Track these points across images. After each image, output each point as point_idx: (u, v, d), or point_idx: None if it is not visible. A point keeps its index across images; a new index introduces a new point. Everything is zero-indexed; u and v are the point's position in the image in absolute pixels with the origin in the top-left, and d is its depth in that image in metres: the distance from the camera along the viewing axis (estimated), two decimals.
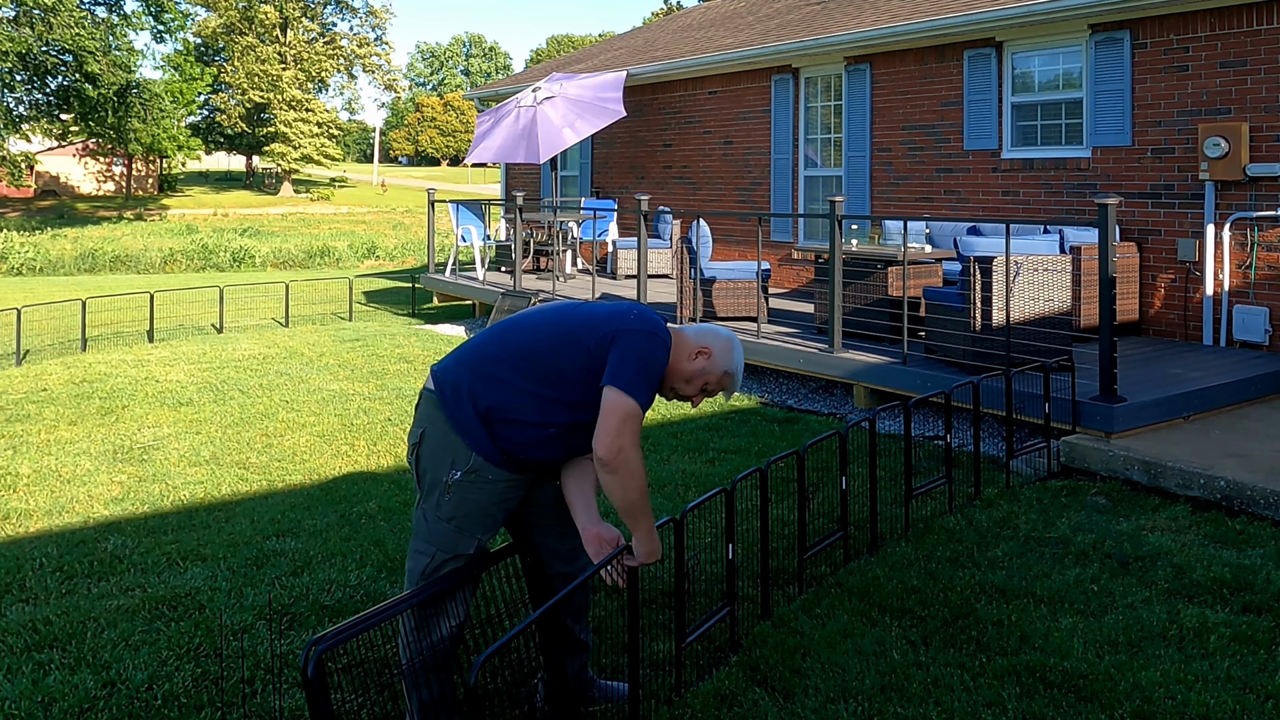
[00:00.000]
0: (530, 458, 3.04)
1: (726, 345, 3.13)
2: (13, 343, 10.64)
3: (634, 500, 2.92)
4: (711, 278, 9.10)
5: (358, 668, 3.21)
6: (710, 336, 3.13)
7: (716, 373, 3.10)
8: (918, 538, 4.78)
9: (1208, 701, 3.24)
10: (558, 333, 3.04)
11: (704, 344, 3.10)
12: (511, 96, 14.09)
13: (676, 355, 3.06)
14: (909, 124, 10.44)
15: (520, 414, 3.00)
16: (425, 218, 16.00)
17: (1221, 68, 7.93)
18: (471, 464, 2.99)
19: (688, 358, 3.07)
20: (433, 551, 3.03)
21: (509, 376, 3.01)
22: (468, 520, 3.01)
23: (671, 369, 3.06)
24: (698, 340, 3.11)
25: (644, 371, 2.93)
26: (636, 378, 2.90)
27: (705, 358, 3.08)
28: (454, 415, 3.02)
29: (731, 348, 3.13)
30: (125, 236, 32.65)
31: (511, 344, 3.07)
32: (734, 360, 3.14)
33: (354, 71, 66.58)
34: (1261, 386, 6.79)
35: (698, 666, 3.61)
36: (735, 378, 3.16)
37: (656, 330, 3.02)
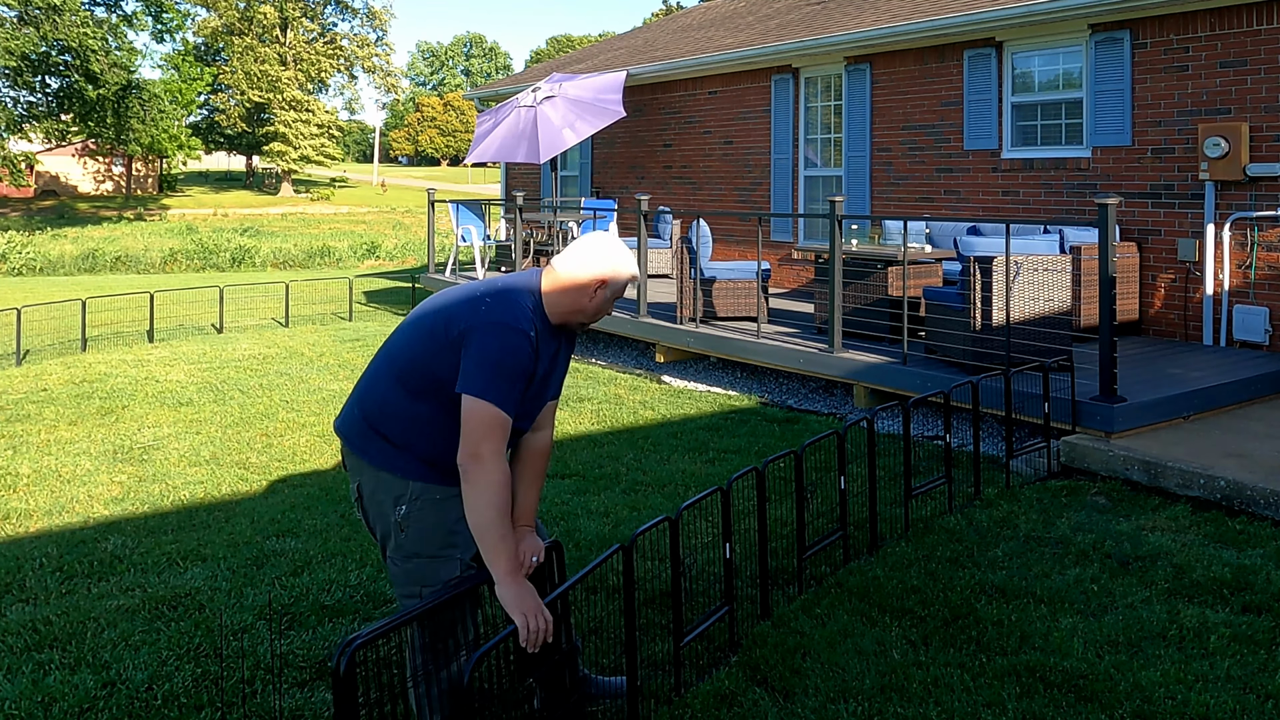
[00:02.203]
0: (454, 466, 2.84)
1: (610, 256, 2.90)
2: (13, 343, 10.64)
3: (488, 520, 2.63)
4: (711, 278, 9.10)
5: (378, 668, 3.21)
6: (594, 262, 2.88)
7: (620, 286, 2.92)
8: (918, 538, 4.78)
9: (1208, 701, 3.24)
10: (422, 334, 2.84)
11: (598, 274, 2.87)
12: (511, 96, 14.09)
13: (574, 299, 2.86)
14: (909, 124, 10.44)
15: (427, 426, 2.81)
16: (425, 218, 16.00)
17: (1221, 68, 7.93)
18: (411, 492, 2.82)
19: (588, 298, 2.87)
20: (418, 590, 2.83)
21: (398, 395, 2.83)
22: (435, 545, 2.82)
23: (573, 311, 2.87)
24: (591, 272, 2.87)
25: (498, 371, 2.68)
26: (491, 379, 2.67)
27: (604, 287, 2.88)
28: (370, 455, 2.85)
29: (614, 254, 2.91)
30: (125, 236, 32.65)
31: (390, 360, 2.90)
32: (625, 261, 2.92)
33: (354, 72, 66.60)
34: (1261, 386, 6.79)
35: (697, 666, 3.61)
36: (635, 274, 2.99)
37: (507, 320, 2.74)
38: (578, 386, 8.49)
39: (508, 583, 2.63)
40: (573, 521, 5.13)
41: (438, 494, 2.82)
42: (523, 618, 2.61)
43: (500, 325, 2.72)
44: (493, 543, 2.64)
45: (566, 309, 2.87)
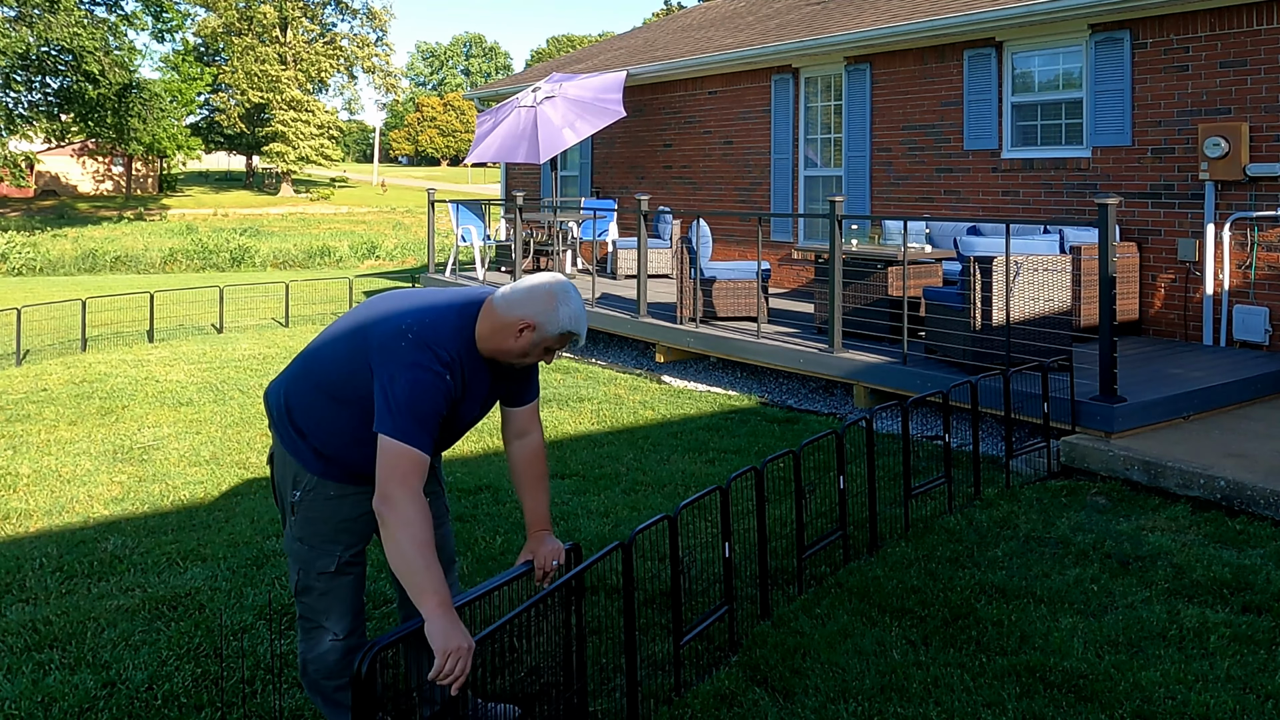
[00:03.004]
0: (368, 472, 2.80)
1: (548, 305, 2.76)
2: (13, 343, 10.64)
3: (409, 558, 2.54)
4: (711, 278, 9.10)
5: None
6: (527, 304, 2.76)
7: (551, 338, 2.78)
8: (917, 538, 4.78)
9: (1208, 701, 3.24)
10: (343, 347, 2.82)
11: (523, 317, 2.75)
12: (511, 96, 14.09)
13: (501, 336, 2.76)
14: (909, 124, 10.43)
15: (339, 430, 2.82)
16: (425, 218, 16.00)
17: (1221, 68, 7.93)
18: (308, 483, 2.87)
19: (512, 338, 2.76)
20: (298, 568, 2.91)
21: (316, 396, 2.86)
22: (319, 538, 2.88)
23: (498, 350, 2.78)
24: (516, 314, 2.75)
25: (410, 411, 2.62)
26: (402, 420, 2.61)
27: (531, 331, 2.76)
28: (283, 436, 2.92)
29: (555, 304, 2.76)
30: (125, 236, 32.65)
31: (317, 360, 2.91)
32: (562, 317, 2.77)
33: (354, 72, 66.60)
34: (1261, 386, 6.79)
35: (697, 666, 3.61)
36: (576, 333, 2.82)
37: (421, 360, 2.66)
38: (578, 386, 8.49)
39: (435, 617, 2.51)
40: (573, 521, 5.13)
41: (331, 490, 2.88)
42: (443, 657, 2.47)
43: (412, 367, 2.66)
44: (417, 581, 2.53)
45: (492, 346, 2.79)
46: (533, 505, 3.06)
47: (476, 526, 5.09)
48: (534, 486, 3.06)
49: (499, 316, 2.77)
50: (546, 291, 2.79)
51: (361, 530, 2.95)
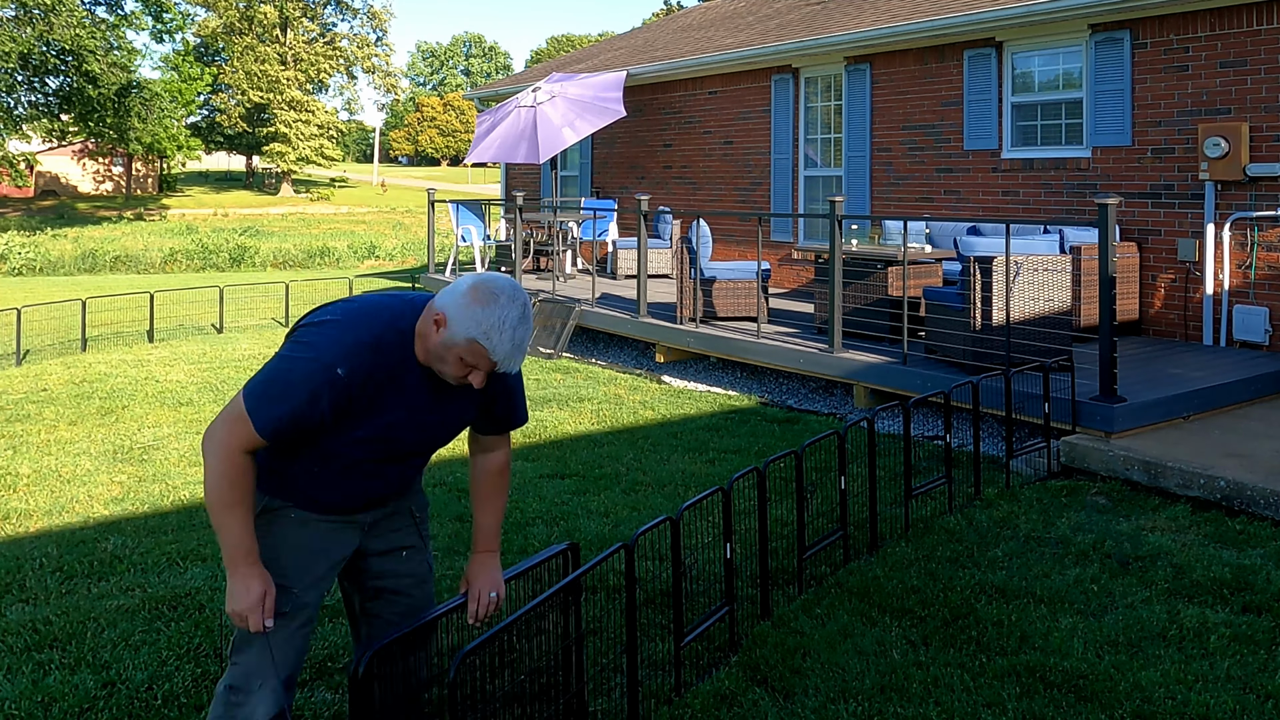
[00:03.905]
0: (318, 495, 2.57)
1: (465, 300, 2.35)
2: (13, 343, 10.64)
3: (211, 503, 2.41)
4: (711, 278, 9.10)
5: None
6: (449, 296, 2.40)
7: (453, 339, 2.36)
8: (918, 538, 4.78)
9: (1208, 701, 3.24)
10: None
11: (440, 309, 2.38)
12: (511, 96, 14.09)
13: (425, 331, 2.43)
14: (909, 124, 10.43)
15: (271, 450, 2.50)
16: (425, 218, 16.01)
17: (1221, 68, 7.93)
18: (263, 504, 2.57)
19: (433, 330, 2.40)
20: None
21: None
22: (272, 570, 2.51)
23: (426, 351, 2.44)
24: (438, 306, 2.41)
25: (270, 383, 2.39)
26: (259, 390, 2.38)
27: (441, 327, 2.38)
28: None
29: (472, 301, 2.35)
30: (125, 236, 32.64)
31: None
32: (479, 322, 2.33)
33: (354, 72, 66.61)
34: (1261, 386, 6.79)
35: (698, 666, 3.61)
36: (489, 347, 2.34)
37: (308, 343, 2.41)
38: (578, 386, 8.49)
39: (230, 571, 2.41)
40: (573, 521, 5.13)
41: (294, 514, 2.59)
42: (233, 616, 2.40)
43: (296, 347, 2.44)
44: (221, 531, 2.41)
45: (424, 345, 2.45)
46: (484, 520, 2.81)
47: None
48: (490, 499, 2.82)
49: (432, 307, 2.44)
50: (471, 285, 2.39)
51: (320, 572, 2.62)
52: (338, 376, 2.37)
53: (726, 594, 3.72)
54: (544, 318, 10.38)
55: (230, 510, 2.39)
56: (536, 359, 9.76)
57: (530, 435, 6.94)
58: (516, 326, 2.35)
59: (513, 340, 2.35)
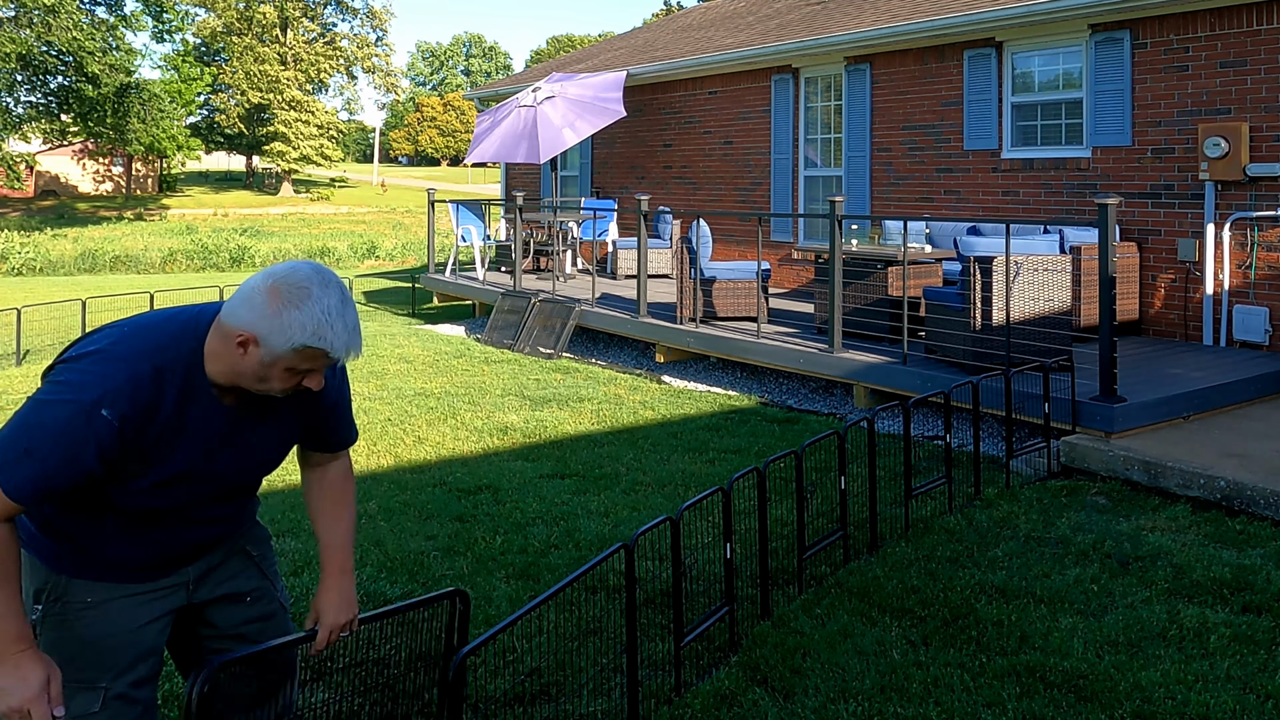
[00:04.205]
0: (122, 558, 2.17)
1: (269, 308, 1.98)
2: (13, 343, 10.64)
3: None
4: (711, 278, 9.10)
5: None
6: (244, 308, 2.01)
7: (281, 355, 2.01)
8: (918, 538, 4.78)
9: (1208, 701, 3.24)
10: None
11: (241, 327, 2.00)
12: (511, 96, 14.09)
13: (226, 353, 2.05)
14: (909, 124, 10.43)
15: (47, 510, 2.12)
16: (425, 218, 16.01)
17: (1221, 68, 7.93)
18: (51, 588, 2.14)
19: (237, 355, 2.03)
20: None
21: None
22: (74, 669, 2.09)
23: (234, 373, 2.06)
24: (233, 324, 2.02)
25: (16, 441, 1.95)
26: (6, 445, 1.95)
27: (255, 347, 2.01)
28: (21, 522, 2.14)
29: (280, 306, 1.98)
30: (125, 236, 32.65)
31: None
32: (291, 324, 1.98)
33: (354, 72, 66.62)
34: (1261, 386, 6.79)
35: (698, 666, 3.61)
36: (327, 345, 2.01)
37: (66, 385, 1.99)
38: (577, 386, 8.49)
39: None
40: (573, 521, 5.13)
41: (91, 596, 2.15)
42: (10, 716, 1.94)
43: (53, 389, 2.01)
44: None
45: (224, 367, 2.07)
46: (330, 537, 2.37)
47: (476, 526, 5.08)
48: (334, 510, 2.39)
49: (223, 326, 2.05)
50: (268, 289, 1.99)
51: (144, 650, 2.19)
52: (103, 420, 1.95)
53: (726, 594, 3.72)
54: (544, 318, 10.38)
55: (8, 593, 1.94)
56: (536, 359, 9.77)
57: (530, 435, 6.94)
58: (343, 310, 2.03)
59: (345, 327, 2.03)
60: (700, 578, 4.26)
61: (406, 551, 4.73)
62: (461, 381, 8.74)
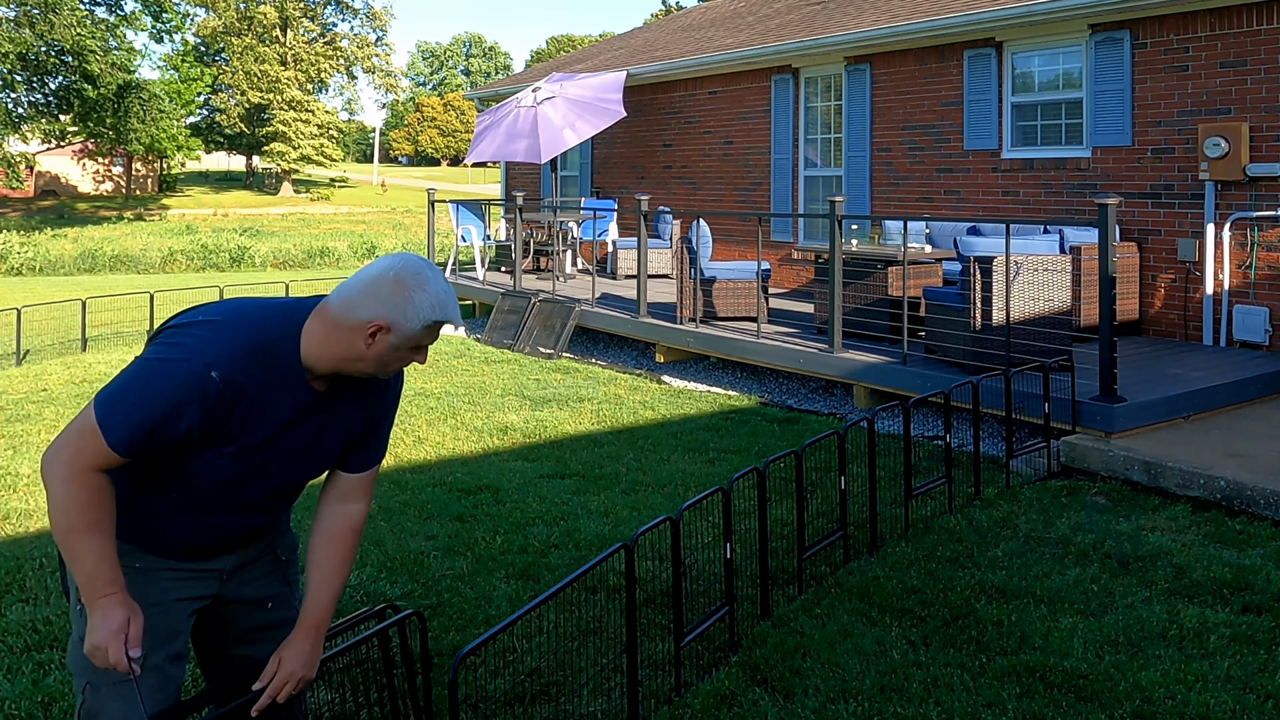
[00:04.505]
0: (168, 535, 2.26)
1: (398, 296, 2.15)
2: (13, 343, 10.64)
3: (60, 532, 2.07)
4: (711, 278, 9.10)
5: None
6: (371, 300, 2.16)
7: (413, 335, 2.18)
8: (918, 538, 4.78)
9: (1208, 701, 3.24)
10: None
11: (373, 319, 2.15)
12: (511, 96, 14.09)
13: (345, 343, 2.17)
14: (909, 124, 10.43)
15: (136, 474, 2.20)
16: (425, 218, 16.01)
17: (1221, 68, 7.93)
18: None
19: (364, 344, 2.17)
20: (83, 683, 2.21)
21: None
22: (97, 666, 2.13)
23: (346, 359, 2.19)
24: (361, 316, 2.15)
25: (127, 389, 2.07)
26: (114, 397, 2.06)
27: (385, 334, 2.16)
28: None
29: (407, 292, 2.15)
30: (125, 236, 32.65)
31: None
32: (421, 305, 2.16)
33: (354, 72, 66.64)
34: (1261, 386, 6.79)
35: (698, 667, 3.61)
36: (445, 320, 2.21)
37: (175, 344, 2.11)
38: (577, 386, 8.49)
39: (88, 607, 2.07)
40: (573, 521, 5.13)
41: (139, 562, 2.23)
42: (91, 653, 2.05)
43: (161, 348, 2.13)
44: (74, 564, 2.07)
45: (332, 354, 2.19)
46: (319, 593, 2.35)
47: (476, 526, 5.08)
48: (336, 567, 2.38)
49: (336, 319, 2.17)
50: (393, 279, 2.16)
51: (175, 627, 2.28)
52: (211, 381, 2.06)
53: (726, 594, 3.72)
54: (544, 318, 10.38)
55: (83, 537, 2.05)
56: (536, 359, 9.76)
57: (530, 435, 6.94)
58: (448, 288, 2.23)
59: (454, 301, 2.23)
60: (700, 578, 4.26)
61: (406, 551, 4.73)
62: (461, 381, 8.74)
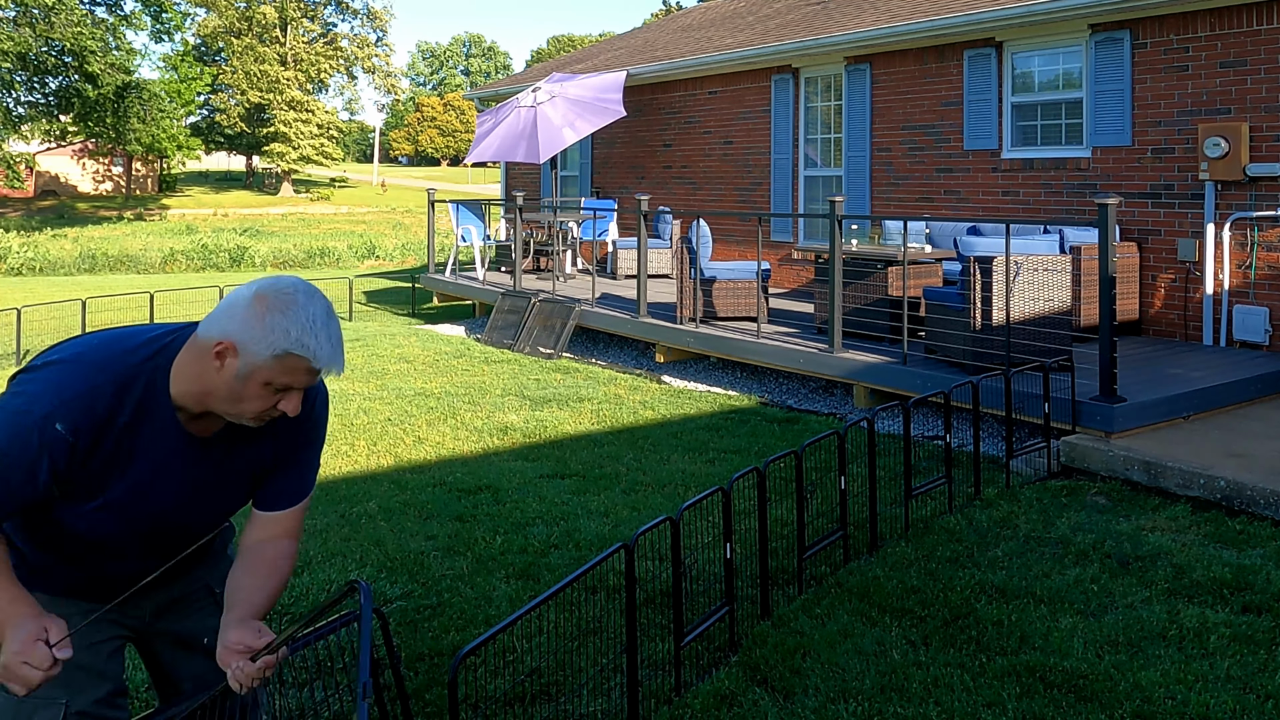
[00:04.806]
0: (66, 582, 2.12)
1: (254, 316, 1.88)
2: (13, 343, 10.64)
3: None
4: (711, 278, 9.10)
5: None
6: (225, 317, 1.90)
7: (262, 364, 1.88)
8: (918, 538, 4.78)
9: (1208, 701, 3.24)
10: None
11: (221, 337, 1.89)
12: (511, 96, 14.09)
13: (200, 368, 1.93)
14: (909, 124, 10.43)
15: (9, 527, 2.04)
16: (425, 218, 16.02)
17: (1221, 68, 7.93)
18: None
19: (213, 369, 1.91)
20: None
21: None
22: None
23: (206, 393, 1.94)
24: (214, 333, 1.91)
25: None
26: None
27: (232, 356, 1.89)
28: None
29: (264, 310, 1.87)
30: (125, 236, 32.64)
31: None
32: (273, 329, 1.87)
33: (354, 72, 66.65)
34: (1261, 386, 6.79)
35: (698, 667, 3.61)
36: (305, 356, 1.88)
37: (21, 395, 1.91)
38: (577, 386, 8.49)
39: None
40: (573, 522, 5.13)
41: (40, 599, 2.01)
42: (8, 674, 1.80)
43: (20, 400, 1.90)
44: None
45: (197, 388, 1.94)
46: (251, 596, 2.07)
47: (476, 526, 5.08)
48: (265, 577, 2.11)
49: (199, 341, 1.93)
50: (253, 295, 1.90)
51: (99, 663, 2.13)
52: (56, 434, 1.86)
53: (726, 594, 3.72)
54: (544, 318, 10.38)
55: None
56: (536, 359, 9.76)
57: (530, 435, 6.94)
58: (327, 322, 1.91)
59: (329, 339, 1.91)
60: (700, 578, 4.26)
61: (406, 551, 4.73)
62: (461, 381, 8.74)
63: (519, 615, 2.77)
